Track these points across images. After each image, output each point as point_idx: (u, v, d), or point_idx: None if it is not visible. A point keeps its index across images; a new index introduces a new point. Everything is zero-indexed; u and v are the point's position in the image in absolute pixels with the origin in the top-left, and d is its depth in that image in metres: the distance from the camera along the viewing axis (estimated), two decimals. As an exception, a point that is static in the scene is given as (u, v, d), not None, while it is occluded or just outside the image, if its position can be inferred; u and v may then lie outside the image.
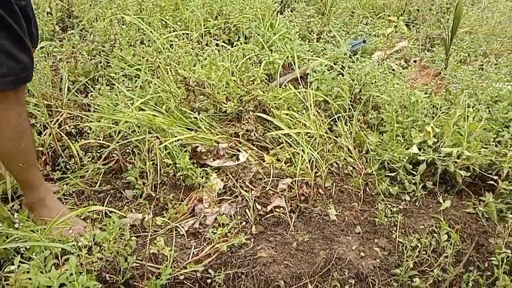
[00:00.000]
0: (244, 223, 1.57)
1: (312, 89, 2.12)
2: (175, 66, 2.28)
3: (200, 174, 1.73)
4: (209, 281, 1.33)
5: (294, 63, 2.38)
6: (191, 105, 1.98)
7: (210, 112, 2.00)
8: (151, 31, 2.44)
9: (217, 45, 2.55)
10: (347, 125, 2.01)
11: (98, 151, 1.81)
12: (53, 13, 2.86)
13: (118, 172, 1.75)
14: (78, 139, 1.86)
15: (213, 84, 2.02)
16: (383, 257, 1.50)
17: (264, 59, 2.50)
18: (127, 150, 1.77)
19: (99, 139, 1.81)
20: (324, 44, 2.83)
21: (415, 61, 2.81)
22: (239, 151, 1.87)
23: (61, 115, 1.87)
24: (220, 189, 1.71)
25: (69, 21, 2.96)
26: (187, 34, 2.66)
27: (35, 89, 1.91)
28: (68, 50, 2.44)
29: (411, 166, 1.79)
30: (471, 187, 1.79)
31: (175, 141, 1.78)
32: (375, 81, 2.21)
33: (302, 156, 1.78)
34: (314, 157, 1.77)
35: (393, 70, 2.51)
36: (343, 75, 2.27)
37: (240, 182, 1.74)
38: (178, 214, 1.60)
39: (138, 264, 1.26)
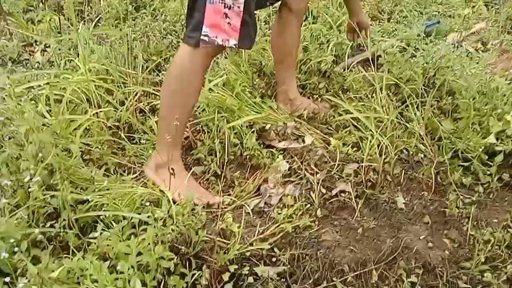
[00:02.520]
0: (308, 205, 1.58)
1: (382, 71, 2.06)
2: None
3: (266, 154, 1.76)
4: (274, 259, 1.36)
5: (364, 44, 2.31)
6: (260, 90, 2.01)
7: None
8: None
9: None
10: (419, 111, 1.94)
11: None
12: (127, -7, 2.96)
13: (188, 149, 1.82)
14: (151, 116, 1.95)
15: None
16: (453, 249, 1.45)
17: (333, 40, 2.45)
18: (197, 129, 1.83)
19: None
20: (395, 25, 2.72)
21: (494, 44, 2.64)
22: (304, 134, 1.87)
23: (136, 93, 1.96)
24: (285, 170, 1.72)
25: (141, 0, 3.06)
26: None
27: (112, 67, 2.02)
28: (141, 29, 2.53)
29: (487, 157, 1.70)
30: (553, 181, 1.68)
31: (243, 122, 1.81)
32: (451, 65, 2.10)
33: (370, 141, 1.74)
34: (383, 143, 1.73)
35: (470, 53, 2.37)
36: (416, 58, 2.18)
37: (305, 165, 1.74)
38: (244, 192, 1.64)
39: (208, 238, 1.31)
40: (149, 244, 1.12)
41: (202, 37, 1.45)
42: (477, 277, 1.36)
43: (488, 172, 1.68)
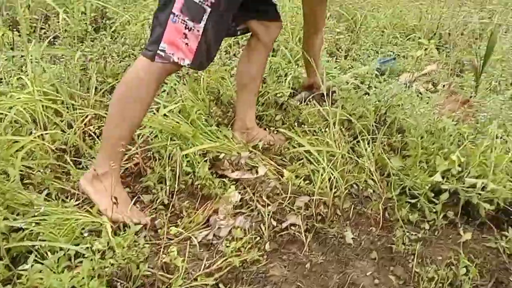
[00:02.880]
0: (258, 238, 1.55)
1: (337, 107, 2.10)
2: (202, 75, 2.29)
3: (218, 184, 1.73)
4: (219, 295, 1.32)
5: (320, 79, 2.36)
6: (217, 119, 2.00)
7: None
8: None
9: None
10: (370, 147, 1.98)
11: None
12: (87, 13, 2.92)
13: (137, 176, 1.76)
14: (100, 140, 1.88)
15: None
16: (398, 286, 1.46)
17: (291, 73, 2.49)
18: (148, 155, 1.78)
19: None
20: (351, 62, 2.81)
21: (443, 86, 2.76)
22: (258, 165, 1.86)
23: (86, 116, 1.90)
24: (236, 201, 1.70)
25: (102, 22, 3.02)
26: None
27: (62, 88, 1.95)
28: (99, 50, 2.49)
29: (433, 194, 1.75)
30: (494, 220, 1.74)
31: (197, 150, 1.78)
32: (402, 104, 2.18)
33: (322, 175, 1.76)
34: (334, 177, 1.75)
35: (420, 93, 2.47)
36: (369, 95, 2.25)
37: (257, 196, 1.72)
38: (193, 223, 1.59)
39: (149, 273, 1.26)
40: (83, 278, 1.05)
41: (159, 51, 1.49)
42: (421, 315, 1.37)
43: (434, 210, 1.72)
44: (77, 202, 1.57)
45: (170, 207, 1.64)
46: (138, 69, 1.53)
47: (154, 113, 1.92)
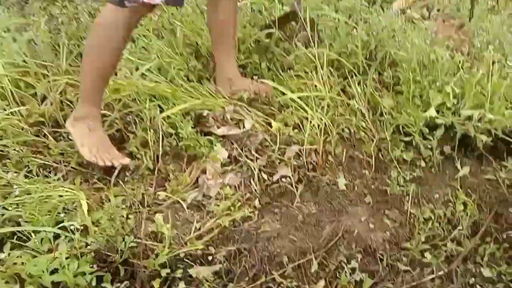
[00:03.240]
0: (248, 194, 1.51)
1: (324, 47, 1.98)
2: (180, 26, 2.16)
3: (204, 143, 1.67)
4: (210, 258, 1.30)
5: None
6: (198, 73, 1.90)
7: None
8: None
9: None
10: (360, 86, 1.88)
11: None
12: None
13: (120, 143, 1.70)
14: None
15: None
16: (394, 229, 1.43)
17: (276, 14, 2.34)
18: (128, 120, 1.71)
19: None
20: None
21: (438, 10, 2.59)
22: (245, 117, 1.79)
23: (60, 84, 1.81)
24: (224, 158, 1.65)
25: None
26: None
27: (33, 56, 1.86)
28: (70, 11, 2.35)
29: (427, 130, 1.67)
30: (493, 151, 1.67)
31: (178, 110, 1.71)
32: (393, 35, 2.04)
33: (310, 121, 1.68)
34: (324, 122, 1.68)
35: (413, 22, 2.32)
36: (357, 30, 2.11)
37: (245, 151, 1.67)
38: (181, 186, 1.55)
39: (135, 244, 1.23)
40: (67, 258, 1.02)
41: None
42: (417, 258, 1.34)
43: (429, 146, 1.65)
44: (60, 175, 1.53)
45: (156, 172, 1.59)
46: (105, 16, 1.48)
47: (131, 74, 1.82)
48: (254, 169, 1.58)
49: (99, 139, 1.58)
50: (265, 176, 1.59)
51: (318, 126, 1.67)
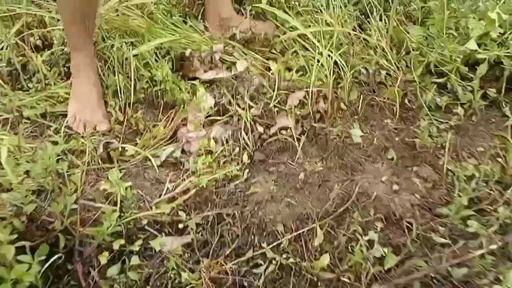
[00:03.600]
0: (237, 149, 1.20)
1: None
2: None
3: (186, 89, 1.36)
4: (181, 226, 1.00)
5: None
6: (182, 8, 1.57)
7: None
8: None
9: None
10: (382, 20, 1.52)
11: (66, 65, 1.46)
12: None
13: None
14: (43, 52, 1.51)
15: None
16: (425, 191, 1.10)
17: None
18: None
19: (66, 49, 1.46)
20: None
21: None
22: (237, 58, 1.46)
23: (20, 21, 1.52)
24: (210, 107, 1.33)
25: None
26: None
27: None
28: None
29: (467, 68, 1.33)
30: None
31: (155, 47, 1.39)
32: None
33: (318, 61, 1.35)
34: (335, 61, 1.34)
35: None
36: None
37: (237, 98, 1.35)
38: (154, 139, 1.25)
39: (76, 206, 0.94)
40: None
41: None
42: (459, 227, 1.01)
43: (469, 88, 1.30)
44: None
45: (125, 123, 1.29)
46: None
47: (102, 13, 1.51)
48: (247, 119, 1.26)
49: (87, 94, 1.35)
50: (260, 129, 1.27)
51: (329, 67, 1.33)
